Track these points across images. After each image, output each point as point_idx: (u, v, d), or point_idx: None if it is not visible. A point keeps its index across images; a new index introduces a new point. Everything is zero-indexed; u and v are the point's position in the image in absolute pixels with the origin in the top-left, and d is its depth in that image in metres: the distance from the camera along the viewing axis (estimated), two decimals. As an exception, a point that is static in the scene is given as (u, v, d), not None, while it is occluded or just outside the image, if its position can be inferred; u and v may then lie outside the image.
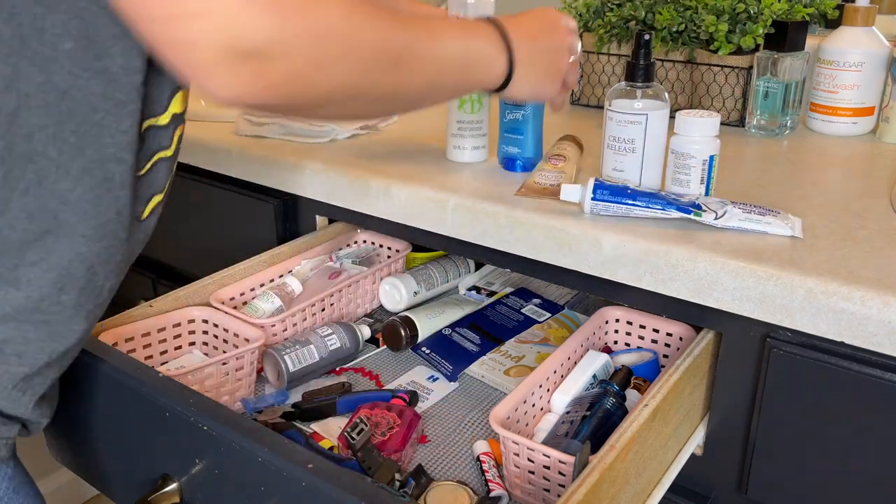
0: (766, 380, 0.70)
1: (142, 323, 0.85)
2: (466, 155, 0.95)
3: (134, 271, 1.38)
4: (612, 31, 1.19)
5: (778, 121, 1.07)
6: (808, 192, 0.85)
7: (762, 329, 0.70)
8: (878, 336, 0.62)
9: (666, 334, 0.86)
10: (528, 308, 1.04)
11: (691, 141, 0.77)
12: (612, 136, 0.81)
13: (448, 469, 0.77)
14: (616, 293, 0.80)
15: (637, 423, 0.64)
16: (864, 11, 1.03)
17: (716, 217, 0.73)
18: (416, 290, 1.04)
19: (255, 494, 0.59)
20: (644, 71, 0.79)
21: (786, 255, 0.68)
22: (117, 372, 0.67)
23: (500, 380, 0.90)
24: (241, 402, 0.84)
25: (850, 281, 0.63)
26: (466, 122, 0.93)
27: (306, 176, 0.99)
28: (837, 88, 1.06)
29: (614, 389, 0.77)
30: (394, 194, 0.90)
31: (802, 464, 0.71)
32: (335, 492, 0.53)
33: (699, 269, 0.69)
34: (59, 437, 0.80)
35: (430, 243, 0.94)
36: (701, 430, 0.79)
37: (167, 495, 0.66)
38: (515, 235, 0.81)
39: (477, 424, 0.84)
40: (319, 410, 0.84)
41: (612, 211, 0.76)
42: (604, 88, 1.24)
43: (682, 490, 0.81)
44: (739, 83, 1.11)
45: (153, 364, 0.86)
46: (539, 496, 0.69)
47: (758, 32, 1.06)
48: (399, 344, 0.96)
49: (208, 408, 0.61)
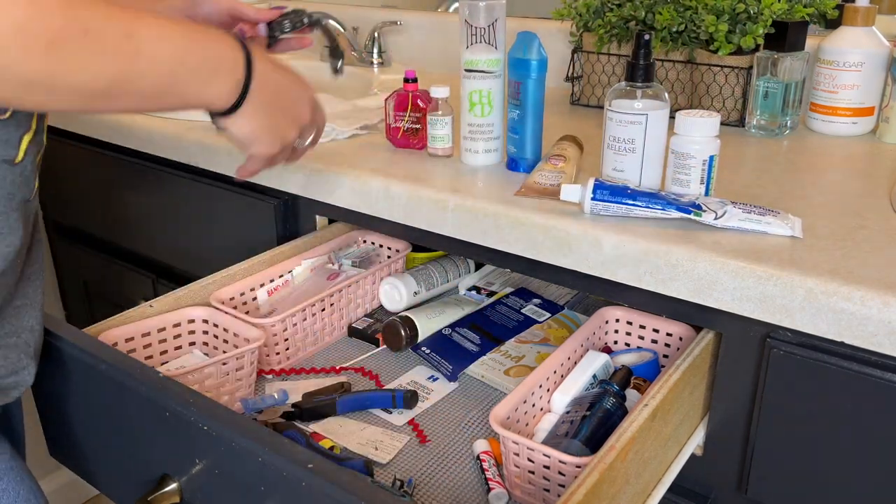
0: (766, 380, 0.70)
1: (142, 323, 0.85)
2: (480, 158, 0.95)
3: (134, 271, 1.38)
4: (612, 31, 1.19)
5: (778, 121, 1.07)
6: (808, 192, 0.85)
7: (762, 329, 0.70)
8: (878, 336, 0.62)
9: (666, 334, 0.86)
10: (528, 308, 1.04)
11: (691, 141, 0.78)
12: (612, 136, 0.81)
13: (448, 469, 0.77)
14: (616, 293, 0.80)
15: (637, 423, 0.64)
16: (864, 11, 1.03)
17: (716, 217, 0.73)
18: (416, 290, 1.04)
19: (255, 494, 0.59)
20: (644, 71, 0.79)
21: (786, 255, 0.68)
22: (117, 372, 0.67)
23: (500, 380, 0.90)
24: (241, 402, 0.84)
25: (850, 281, 0.63)
26: (477, 126, 0.93)
27: (306, 176, 0.99)
28: (837, 88, 1.06)
29: (614, 389, 0.77)
30: (394, 194, 0.90)
31: (802, 464, 0.71)
32: (335, 492, 0.53)
33: (699, 269, 0.69)
34: (59, 437, 0.80)
35: (430, 243, 0.94)
36: (701, 430, 0.79)
37: (167, 495, 0.66)
38: (515, 235, 0.81)
39: (477, 424, 0.84)
40: (319, 410, 0.84)
41: (612, 211, 0.76)
42: (604, 88, 1.24)
43: (682, 490, 0.81)
44: (739, 83, 1.11)
45: (153, 364, 0.86)
46: (539, 496, 0.69)
47: (758, 32, 1.06)
48: (399, 344, 0.96)
49: (208, 408, 0.61)
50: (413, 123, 1.01)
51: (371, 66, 1.62)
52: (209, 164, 1.11)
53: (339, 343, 1.01)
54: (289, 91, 0.72)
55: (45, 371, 0.74)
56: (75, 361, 0.72)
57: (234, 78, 0.64)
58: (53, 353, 0.73)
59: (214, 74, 0.62)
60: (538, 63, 0.87)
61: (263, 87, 0.66)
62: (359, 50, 1.63)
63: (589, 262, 0.76)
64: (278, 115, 0.71)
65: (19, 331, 0.67)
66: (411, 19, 1.62)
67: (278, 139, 0.73)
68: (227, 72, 0.63)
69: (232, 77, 0.63)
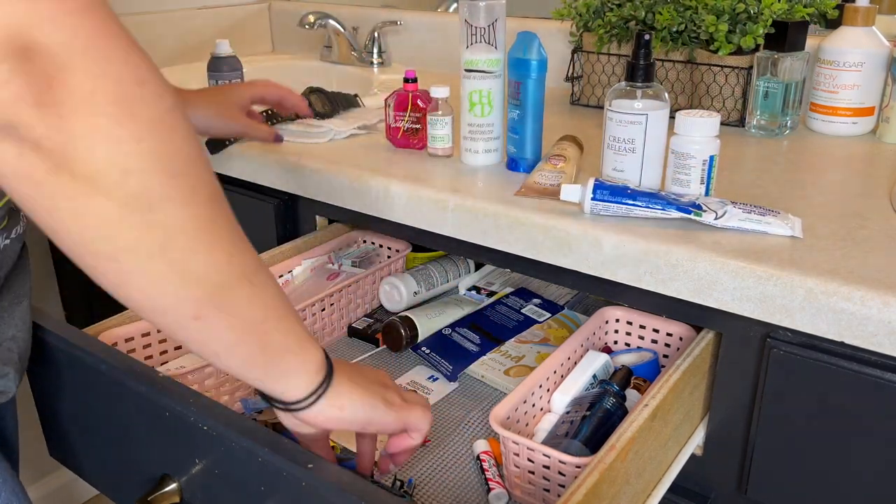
0: (766, 380, 0.70)
1: (142, 323, 0.85)
2: (480, 158, 0.95)
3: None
4: (612, 31, 1.19)
5: (778, 121, 1.07)
6: (808, 192, 0.85)
7: (762, 329, 0.70)
8: (878, 336, 0.62)
9: (666, 334, 0.86)
10: (528, 308, 1.04)
11: (691, 141, 0.77)
12: (612, 136, 0.81)
13: (448, 469, 0.77)
14: (616, 293, 0.80)
15: (637, 423, 0.64)
16: (864, 11, 1.03)
17: (716, 217, 0.73)
18: (416, 290, 1.04)
19: (255, 494, 0.59)
20: (644, 71, 0.79)
21: (786, 255, 0.68)
22: (117, 372, 0.67)
23: (500, 380, 0.90)
24: (241, 402, 0.84)
25: (850, 281, 0.63)
26: (477, 126, 0.93)
27: (306, 176, 0.99)
28: (837, 88, 1.06)
29: (614, 389, 0.77)
30: (394, 194, 0.90)
31: (802, 464, 0.71)
32: (335, 492, 0.53)
33: (699, 269, 0.69)
34: (59, 437, 0.80)
35: (430, 243, 0.94)
36: (701, 431, 0.79)
37: (167, 495, 0.66)
38: (515, 235, 0.81)
39: (477, 424, 0.84)
40: (319, 410, 0.84)
41: (612, 211, 0.76)
42: (604, 88, 1.24)
43: (682, 490, 0.81)
44: (739, 83, 1.11)
45: (153, 364, 0.86)
46: (539, 496, 0.69)
47: (758, 32, 1.06)
48: (399, 344, 0.96)
49: (208, 408, 0.61)
50: (413, 123, 1.01)
51: (371, 66, 1.62)
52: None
53: (339, 343, 1.01)
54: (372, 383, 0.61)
55: (45, 371, 0.74)
56: (75, 361, 0.72)
57: (317, 368, 0.56)
58: (53, 354, 0.73)
59: (302, 362, 0.55)
60: (538, 63, 0.87)
61: (343, 371, 0.59)
62: (359, 50, 1.63)
63: (589, 262, 0.76)
64: (372, 383, 0.61)
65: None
66: (411, 19, 1.62)
67: (390, 405, 0.60)
68: (313, 361, 0.56)
69: (314, 365, 0.56)
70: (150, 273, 0.44)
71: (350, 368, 0.60)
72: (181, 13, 1.68)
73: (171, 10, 1.67)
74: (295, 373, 0.54)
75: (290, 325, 0.54)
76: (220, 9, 1.76)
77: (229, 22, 1.78)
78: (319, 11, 1.63)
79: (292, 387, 0.55)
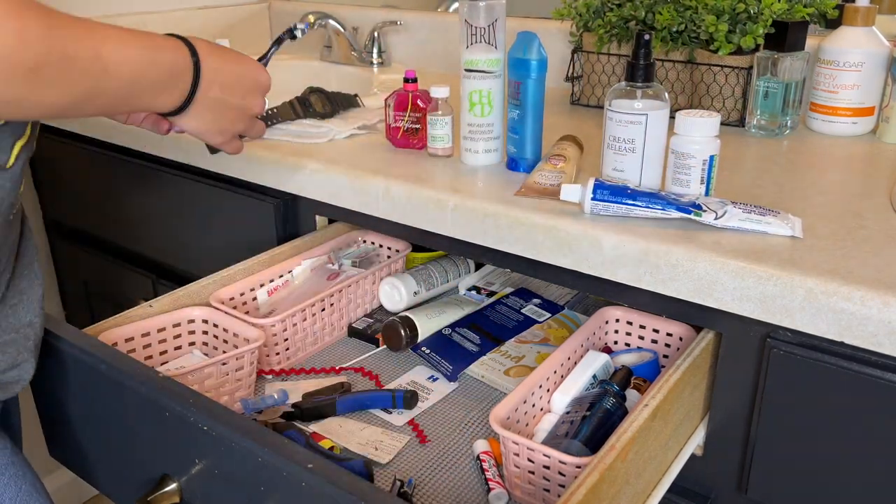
0: (766, 380, 0.70)
1: (142, 323, 0.85)
2: (480, 158, 0.95)
3: (134, 271, 1.38)
4: (612, 31, 1.19)
5: (778, 121, 1.07)
6: (808, 192, 0.85)
7: (762, 329, 0.70)
8: (878, 336, 0.62)
9: (666, 334, 0.86)
10: (528, 308, 1.04)
11: (691, 141, 0.77)
12: (612, 136, 0.81)
13: (448, 469, 0.77)
14: (616, 293, 0.80)
15: (637, 423, 0.64)
16: (864, 11, 1.03)
17: (716, 217, 0.73)
18: (416, 290, 1.04)
19: (255, 494, 0.59)
20: (644, 71, 0.79)
21: (786, 255, 0.68)
22: (117, 372, 0.67)
23: (500, 380, 0.90)
24: (241, 402, 0.84)
25: (850, 281, 0.63)
26: (477, 126, 0.93)
27: (306, 176, 0.99)
28: (837, 88, 1.06)
29: (614, 389, 0.77)
30: (394, 194, 0.90)
31: (802, 464, 0.71)
32: (335, 492, 0.53)
33: (699, 269, 0.69)
34: (59, 437, 0.80)
35: (430, 243, 0.94)
36: (701, 430, 0.79)
37: (167, 495, 0.66)
38: (515, 235, 0.81)
39: (477, 424, 0.84)
40: (319, 410, 0.84)
41: (612, 211, 0.76)
42: (604, 88, 1.24)
43: (682, 490, 0.81)
44: (739, 83, 1.11)
45: (153, 364, 0.86)
46: (539, 496, 0.69)
47: (758, 32, 1.06)
48: (399, 344, 0.96)
49: (208, 408, 0.61)
50: (413, 123, 1.01)
51: (371, 65, 1.62)
52: (209, 164, 1.11)
53: (339, 343, 1.01)
54: (237, 86, 0.76)
55: (45, 371, 0.74)
56: (75, 362, 0.72)
57: (181, 88, 0.69)
58: (53, 354, 0.73)
59: (164, 87, 0.67)
60: (538, 63, 0.87)
61: (209, 88, 0.72)
62: (359, 50, 1.63)
63: (589, 262, 0.76)
64: (224, 112, 0.76)
65: (17, 327, 0.68)
66: (411, 19, 1.62)
67: (222, 133, 0.79)
68: (176, 83, 0.69)
69: (179, 87, 0.69)
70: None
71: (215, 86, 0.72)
72: (181, 13, 1.69)
73: (171, 10, 1.67)
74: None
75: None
76: (220, 9, 1.76)
77: (229, 22, 1.78)
78: (319, 11, 1.63)
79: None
